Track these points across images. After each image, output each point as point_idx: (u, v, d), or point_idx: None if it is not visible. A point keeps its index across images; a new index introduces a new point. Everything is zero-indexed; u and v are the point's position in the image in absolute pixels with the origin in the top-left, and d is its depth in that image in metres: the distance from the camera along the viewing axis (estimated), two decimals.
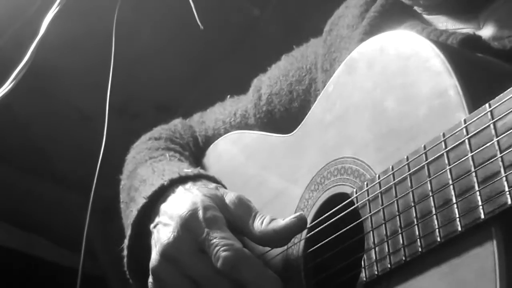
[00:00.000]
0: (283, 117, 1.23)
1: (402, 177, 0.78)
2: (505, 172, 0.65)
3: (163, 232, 0.94)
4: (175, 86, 2.64)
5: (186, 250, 0.91)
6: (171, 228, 0.93)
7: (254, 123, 1.27)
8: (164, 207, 0.99)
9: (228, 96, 1.37)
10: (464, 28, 1.03)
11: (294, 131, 1.06)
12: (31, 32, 1.45)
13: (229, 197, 0.97)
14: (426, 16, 1.10)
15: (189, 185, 1.01)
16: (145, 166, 1.15)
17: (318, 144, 0.98)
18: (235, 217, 0.95)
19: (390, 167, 0.80)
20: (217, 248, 0.87)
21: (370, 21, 1.10)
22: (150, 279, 0.96)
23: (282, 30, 2.49)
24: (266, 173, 1.09)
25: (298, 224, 0.90)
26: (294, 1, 2.47)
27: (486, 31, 1.00)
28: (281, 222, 0.91)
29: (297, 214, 0.91)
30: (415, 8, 1.10)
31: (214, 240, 0.88)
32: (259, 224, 0.92)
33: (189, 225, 0.91)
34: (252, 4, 2.51)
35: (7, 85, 1.36)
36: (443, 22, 1.06)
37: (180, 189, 1.00)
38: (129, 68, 2.25)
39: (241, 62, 2.54)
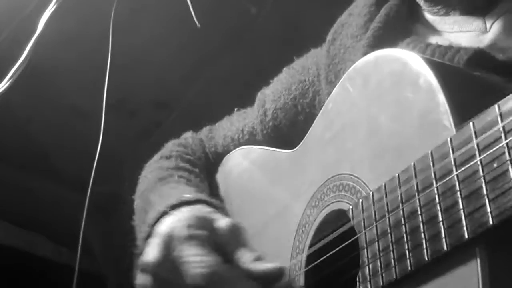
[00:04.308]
0: (290, 131, 1.23)
1: (393, 194, 0.79)
2: (486, 190, 0.66)
3: (146, 249, 0.96)
4: (172, 83, 2.64)
5: (161, 266, 0.92)
6: (151, 245, 0.95)
7: (262, 138, 1.27)
8: (157, 228, 1.00)
9: (236, 109, 1.37)
10: (470, 31, 1.02)
11: (297, 147, 1.08)
12: (29, 30, 1.46)
13: (220, 222, 0.95)
14: (433, 18, 1.08)
15: (185, 208, 1.02)
16: (155, 189, 1.17)
17: (318, 160, 1.00)
18: (222, 242, 0.93)
19: (383, 184, 0.81)
20: (189, 265, 0.87)
21: (374, 32, 1.08)
22: None
23: (279, 28, 2.48)
24: (271, 189, 1.11)
25: (275, 273, 0.88)
26: None
27: (492, 35, 0.99)
28: (260, 266, 0.89)
29: (277, 265, 0.89)
30: (423, 9, 1.09)
31: (187, 258, 0.88)
32: (244, 259, 0.90)
33: (165, 242, 0.92)
34: (249, 1, 2.51)
35: (5, 83, 1.36)
36: (450, 24, 1.05)
37: (175, 212, 1.01)
38: (126, 65, 2.25)
39: (238, 59, 2.54)
